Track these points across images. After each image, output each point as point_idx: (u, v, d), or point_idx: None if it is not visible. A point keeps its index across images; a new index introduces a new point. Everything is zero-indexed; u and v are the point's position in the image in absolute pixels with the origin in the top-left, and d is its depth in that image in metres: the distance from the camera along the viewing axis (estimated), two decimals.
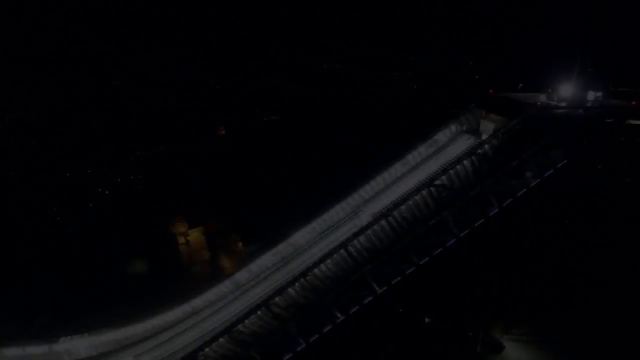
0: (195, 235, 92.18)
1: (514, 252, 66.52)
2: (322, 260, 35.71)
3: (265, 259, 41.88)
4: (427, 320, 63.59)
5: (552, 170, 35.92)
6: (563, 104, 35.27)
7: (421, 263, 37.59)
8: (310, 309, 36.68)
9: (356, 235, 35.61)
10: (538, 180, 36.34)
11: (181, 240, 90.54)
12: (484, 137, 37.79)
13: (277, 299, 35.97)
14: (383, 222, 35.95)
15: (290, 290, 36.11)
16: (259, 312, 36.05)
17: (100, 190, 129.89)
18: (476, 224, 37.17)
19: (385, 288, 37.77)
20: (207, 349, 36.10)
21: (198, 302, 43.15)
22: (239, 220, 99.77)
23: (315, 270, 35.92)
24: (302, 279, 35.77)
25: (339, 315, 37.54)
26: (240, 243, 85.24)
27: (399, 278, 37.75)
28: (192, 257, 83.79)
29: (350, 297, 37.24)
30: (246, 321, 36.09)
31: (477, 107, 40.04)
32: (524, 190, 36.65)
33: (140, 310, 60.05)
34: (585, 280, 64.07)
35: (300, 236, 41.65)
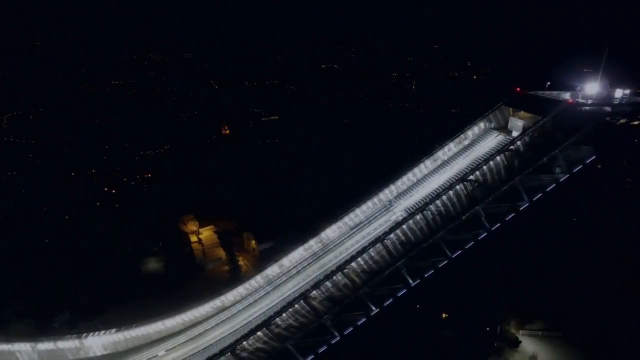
0: (207, 234, 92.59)
1: (528, 249, 67.87)
2: (359, 253, 36.49)
3: (297, 254, 42.53)
4: (444, 315, 64.62)
5: (581, 166, 37.02)
6: (593, 102, 36.30)
7: (453, 257, 38.56)
8: (346, 302, 37.46)
9: (393, 229, 36.43)
10: (567, 176, 37.40)
11: (193, 238, 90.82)
12: (514, 134, 38.85)
13: (314, 292, 36.70)
14: (418, 216, 36.81)
15: (327, 283, 36.86)
16: (296, 306, 36.75)
17: (106, 189, 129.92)
18: (507, 218, 38.22)
19: (418, 281, 38.68)
20: (244, 343, 36.72)
21: (229, 297, 43.67)
22: (250, 218, 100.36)
23: (352, 263, 36.72)
24: (339, 273, 36.50)
25: (372, 307, 38.35)
26: (253, 241, 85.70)
27: (432, 271, 38.69)
28: (206, 255, 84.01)
29: (385, 290, 38.07)
30: (283, 314, 36.78)
31: (505, 105, 41.11)
32: (554, 185, 37.73)
33: (157, 307, 60.83)
34: (599, 277, 65.53)
35: (331, 231, 42.37)
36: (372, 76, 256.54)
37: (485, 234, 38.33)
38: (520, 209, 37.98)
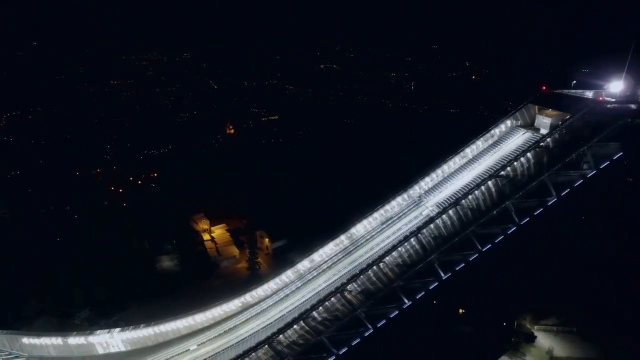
0: (219, 232, 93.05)
1: (542, 244, 69.02)
2: (395, 247, 37.35)
3: (328, 249, 43.30)
4: (461, 311, 65.62)
5: (608, 162, 38.14)
6: (620, 99, 37.42)
7: (484, 250, 39.53)
8: (380, 295, 38.29)
9: (427, 222, 37.35)
10: (594, 172, 38.50)
11: (206, 236, 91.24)
12: (542, 131, 39.93)
13: (349, 286, 37.46)
14: (451, 210, 37.74)
15: (362, 277, 37.65)
16: (332, 299, 37.48)
17: (113, 188, 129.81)
18: (535, 213, 39.27)
19: (449, 274, 39.59)
20: (280, 336, 37.39)
21: (259, 292, 44.33)
22: (260, 217, 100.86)
23: (387, 257, 37.56)
24: (374, 267, 37.31)
25: (405, 300, 39.19)
26: (267, 239, 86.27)
27: (462, 264, 39.63)
28: (220, 253, 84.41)
29: (418, 283, 38.93)
30: (320, 308, 37.49)
31: (531, 104, 42.19)
32: (581, 181, 38.82)
33: (175, 305, 61.35)
34: (613, 273, 66.87)
35: (362, 226, 43.21)
36: (371, 76, 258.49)
37: (515, 228, 39.38)
38: (549, 204, 39.10)
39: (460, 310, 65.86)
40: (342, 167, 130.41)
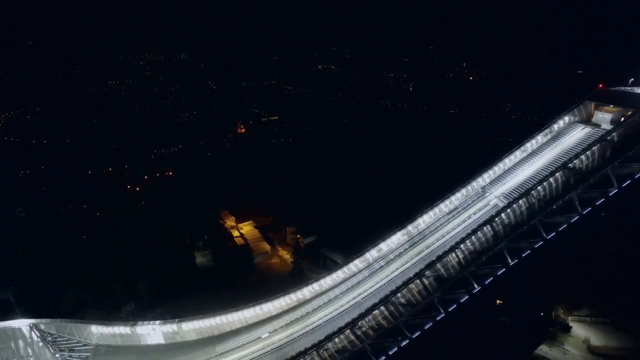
0: (247, 229, 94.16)
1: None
2: (469, 235, 39.19)
3: (395, 239, 45.04)
4: (498, 302, 67.77)
5: None
6: None
7: (548, 238, 41.66)
8: (453, 281, 40.11)
9: (499, 212, 39.27)
10: None
11: (235, 233, 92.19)
12: (604, 126, 42.26)
13: (427, 272, 39.17)
14: (522, 200, 39.77)
15: (438, 265, 39.41)
16: (411, 285, 39.14)
17: (129, 187, 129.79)
18: (597, 203, 41.53)
19: (516, 260, 41.60)
20: (362, 321, 38.87)
21: (328, 281, 45.73)
22: (284, 213, 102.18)
23: (461, 245, 39.41)
24: (451, 253, 39.11)
25: (475, 285, 41.07)
26: (298, 235, 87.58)
27: (528, 252, 41.69)
28: (252, 249, 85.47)
29: (487, 269, 40.83)
30: (399, 293, 39.12)
31: (589, 100, 44.56)
32: None
33: (214, 299, 62.49)
34: None
35: (428, 217, 45.05)
36: (369, 77, 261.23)
37: (577, 217, 41.58)
38: (610, 194, 41.42)
39: (498, 302, 68.11)
40: (352, 165, 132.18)
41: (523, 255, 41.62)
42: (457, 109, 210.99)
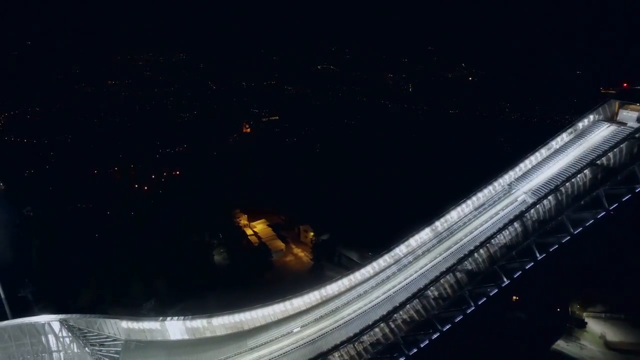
0: (261, 227, 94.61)
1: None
2: (500, 230, 40.03)
3: (424, 234, 45.80)
4: (514, 298, 68.66)
5: None
6: None
7: (575, 233, 42.56)
8: (483, 275, 40.94)
9: (530, 207, 40.15)
10: None
11: (249, 231, 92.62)
12: (631, 124, 43.25)
13: (459, 266, 39.94)
14: (551, 197, 40.64)
15: (469, 259, 40.18)
16: (443, 279, 39.90)
17: (137, 186, 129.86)
18: (623, 199, 42.50)
19: (544, 255, 42.47)
20: (396, 314, 39.58)
21: (357, 276, 46.35)
22: (294, 212, 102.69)
23: (492, 239, 40.24)
24: (482, 247, 39.92)
25: (505, 279, 41.91)
26: (311, 233, 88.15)
27: (556, 247, 42.58)
28: (267, 247, 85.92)
29: (516, 264, 41.69)
30: (431, 287, 39.88)
31: (613, 99, 45.58)
32: None
33: (233, 296, 63.00)
34: None
35: (455, 213, 45.84)
36: (368, 77, 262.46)
37: (604, 212, 42.56)
38: (636, 190, 42.44)
39: (514, 298, 69.02)
40: (361, 164, 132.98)
41: (551, 250, 42.77)
42: (456, 109, 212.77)
